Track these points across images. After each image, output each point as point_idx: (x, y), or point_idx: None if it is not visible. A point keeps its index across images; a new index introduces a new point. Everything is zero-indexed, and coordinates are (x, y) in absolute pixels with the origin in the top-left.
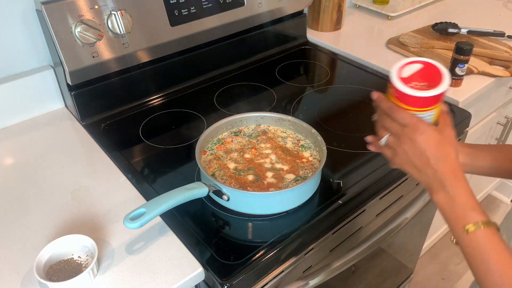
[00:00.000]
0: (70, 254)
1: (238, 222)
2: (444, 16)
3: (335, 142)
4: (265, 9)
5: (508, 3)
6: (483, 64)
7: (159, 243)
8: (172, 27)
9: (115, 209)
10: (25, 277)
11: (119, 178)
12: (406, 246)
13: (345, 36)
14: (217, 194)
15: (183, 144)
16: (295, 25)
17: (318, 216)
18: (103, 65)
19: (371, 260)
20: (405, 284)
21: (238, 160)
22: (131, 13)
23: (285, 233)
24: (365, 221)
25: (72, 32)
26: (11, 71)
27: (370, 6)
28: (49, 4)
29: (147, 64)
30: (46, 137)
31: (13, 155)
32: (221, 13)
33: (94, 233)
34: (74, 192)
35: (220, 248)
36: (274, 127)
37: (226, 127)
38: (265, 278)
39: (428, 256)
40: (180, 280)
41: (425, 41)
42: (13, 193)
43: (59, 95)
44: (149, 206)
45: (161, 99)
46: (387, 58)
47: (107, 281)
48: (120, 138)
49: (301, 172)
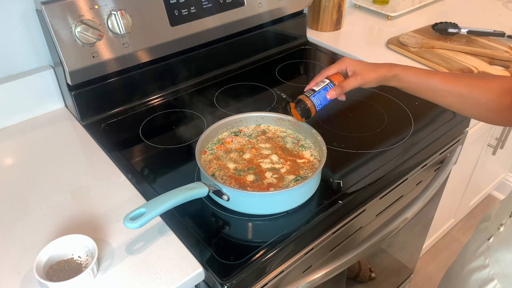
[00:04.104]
0: (70, 254)
1: (238, 222)
2: (444, 16)
3: (335, 142)
4: (265, 9)
5: (508, 3)
6: (483, 64)
7: (159, 243)
8: (172, 27)
9: (115, 209)
10: (25, 277)
11: (119, 178)
12: (406, 246)
13: (345, 36)
14: (217, 194)
15: (183, 144)
16: (295, 25)
17: (318, 216)
18: (103, 65)
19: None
20: (405, 284)
21: (238, 160)
22: (131, 13)
23: (285, 233)
24: (365, 221)
25: (72, 32)
26: (11, 71)
27: (370, 6)
28: (49, 4)
29: (147, 64)
30: (46, 137)
31: (13, 155)
32: (221, 13)
33: (94, 233)
34: (74, 192)
35: (220, 248)
36: (274, 127)
37: (226, 127)
38: (265, 278)
39: (428, 256)
40: (180, 280)
41: (425, 41)
42: (13, 193)
43: (59, 95)
44: (149, 206)
45: (161, 99)
46: (387, 58)
47: (107, 281)
48: (120, 138)
49: (301, 172)
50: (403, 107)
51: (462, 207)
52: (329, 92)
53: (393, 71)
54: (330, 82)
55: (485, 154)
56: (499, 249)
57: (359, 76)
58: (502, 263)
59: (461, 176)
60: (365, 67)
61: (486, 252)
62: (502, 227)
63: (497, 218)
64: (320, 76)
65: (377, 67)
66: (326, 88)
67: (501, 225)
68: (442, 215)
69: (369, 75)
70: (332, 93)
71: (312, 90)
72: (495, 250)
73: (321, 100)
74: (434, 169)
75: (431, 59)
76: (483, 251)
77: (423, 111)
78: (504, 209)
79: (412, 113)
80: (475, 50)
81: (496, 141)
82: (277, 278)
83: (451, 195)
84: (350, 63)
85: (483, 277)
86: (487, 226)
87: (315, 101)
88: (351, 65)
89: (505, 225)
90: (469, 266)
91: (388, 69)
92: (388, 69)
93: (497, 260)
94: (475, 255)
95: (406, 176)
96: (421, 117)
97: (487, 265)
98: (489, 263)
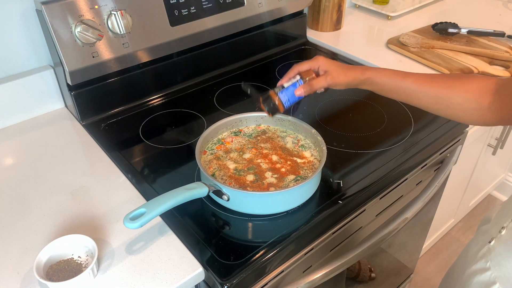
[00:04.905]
0: (70, 254)
1: (238, 222)
2: (444, 16)
3: (335, 142)
4: (265, 9)
5: (508, 3)
6: (483, 64)
7: (159, 243)
8: (172, 27)
9: (115, 209)
10: (25, 277)
11: (119, 178)
12: (406, 246)
13: (345, 36)
14: (217, 194)
15: (183, 144)
16: (295, 25)
17: (318, 216)
18: (103, 65)
19: (371, 260)
20: (405, 284)
21: (238, 160)
22: (131, 13)
23: (285, 233)
24: (365, 221)
25: (72, 32)
26: (11, 71)
27: (370, 6)
28: (49, 4)
29: (147, 64)
30: (46, 137)
31: (13, 155)
32: (221, 13)
33: (94, 233)
34: (74, 192)
35: (220, 248)
36: (274, 127)
37: (226, 127)
38: (265, 278)
39: (428, 256)
40: (180, 280)
41: (425, 41)
42: (13, 193)
43: (59, 95)
44: (149, 206)
45: (161, 99)
46: (387, 58)
47: (107, 281)
48: (120, 138)
49: (301, 172)
50: (403, 107)
51: (462, 207)
52: (297, 90)
53: (365, 74)
54: (300, 78)
55: (485, 154)
56: (502, 253)
57: (329, 76)
58: (504, 267)
59: (461, 176)
60: (338, 68)
61: (487, 255)
62: (504, 231)
63: (498, 220)
64: (292, 71)
65: (349, 69)
66: (296, 84)
67: (502, 228)
68: (442, 215)
69: (340, 78)
70: (301, 90)
71: (282, 86)
72: (498, 254)
73: (289, 97)
74: (434, 169)
75: (431, 59)
76: (484, 253)
77: (423, 111)
78: (506, 211)
79: (412, 113)
80: (475, 50)
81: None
82: (277, 278)
83: (451, 195)
84: (323, 62)
85: (485, 280)
86: (487, 228)
87: (283, 98)
88: (323, 65)
89: (507, 229)
90: (470, 268)
91: (360, 72)
92: (360, 72)
93: (498, 263)
94: (476, 257)
95: (406, 176)
96: (421, 117)
97: (489, 268)
98: (490, 266)
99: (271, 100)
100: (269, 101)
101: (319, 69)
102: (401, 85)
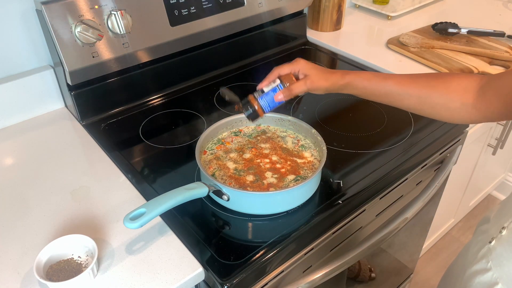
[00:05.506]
0: (70, 254)
1: (238, 222)
2: (444, 16)
3: (335, 142)
4: (265, 9)
5: (508, 3)
6: (483, 64)
7: (159, 243)
8: (172, 27)
9: (115, 209)
10: (25, 277)
11: (119, 178)
12: (406, 246)
13: (345, 36)
14: (217, 194)
15: (183, 144)
16: (295, 25)
17: (318, 216)
18: (103, 65)
19: (371, 260)
20: (405, 284)
21: (238, 160)
22: (131, 13)
23: (285, 233)
24: (365, 221)
25: (72, 32)
26: (11, 71)
27: (370, 6)
28: (49, 4)
29: (147, 64)
30: (46, 137)
31: (13, 155)
32: (221, 13)
33: (94, 233)
34: (74, 192)
35: (220, 248)
36: (274, 127)
37: (226, 127)
38: (265, 278)
39: (428, 256)
40: (180, 280)
41: (425, 41)
42: (13, 193)
43: (59, 95)
44: (149, 206)
45: (161, 99)
46: (387, 58)
47: (107, 281)
48: (120, 138)
49: (301, 172)
50: None
51: (462, 207)
52: (277, 95)
53: (345, 79)
54: (280, 83)
55: (485, 154)
56: (503, 254)
57: (309, 81)
58: (506, 267)
59: (461, 176)
60: (318, 73)
61: (488, 255)
62: (505, 231)
63: (498, 220)
64: (272, 75)
65: (329, 74)
66: (275, 89)
67: (503, 228)
68: (442, 215)
69: (320, 82)
70: (280, 96)
71: (261, 91)
72: (499, 254)
73: (269, 102)
74: (434, 169)
75: (431, 59)
76: (484, 254)
77: None
78: (506, 211)
79: (412, 113)
80: (475, 50)
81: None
82: (277, 278)
83: (451, 195)
84: (303, 66)
85: (486, 280)
86: (487, 228)
87: (263, 103)
88: (303, 68)
89: (507, 229)
90: (470, 269)
91: (340, 77)
92: (340, 77)
93: (500, 264)
94: (477, 258)
95: (406, 176)
96: (421, 117)
97: (490, 269)
98: (491, 266)
99: (251, 105)
100: (249, 106)
101: (299, 73)
102: (383, 87)
